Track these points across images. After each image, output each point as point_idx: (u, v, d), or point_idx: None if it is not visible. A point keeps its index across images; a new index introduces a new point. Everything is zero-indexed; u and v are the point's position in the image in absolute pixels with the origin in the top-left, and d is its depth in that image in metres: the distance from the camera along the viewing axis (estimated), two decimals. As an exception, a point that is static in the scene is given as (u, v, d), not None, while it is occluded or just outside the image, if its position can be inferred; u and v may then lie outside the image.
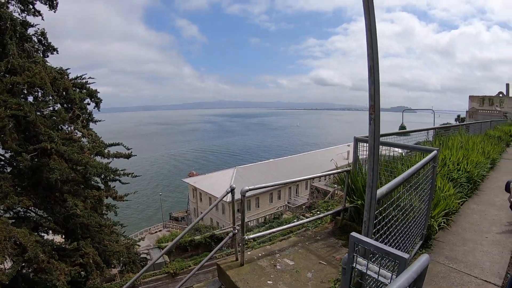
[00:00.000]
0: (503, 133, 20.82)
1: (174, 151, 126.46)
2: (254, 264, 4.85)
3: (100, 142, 16.56)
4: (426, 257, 1.67)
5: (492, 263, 4.66)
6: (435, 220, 5.38)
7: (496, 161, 12.60)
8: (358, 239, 2.15)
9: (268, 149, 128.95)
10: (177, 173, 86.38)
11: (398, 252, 1.94)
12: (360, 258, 2.18)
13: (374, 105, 2.20)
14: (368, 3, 2.03)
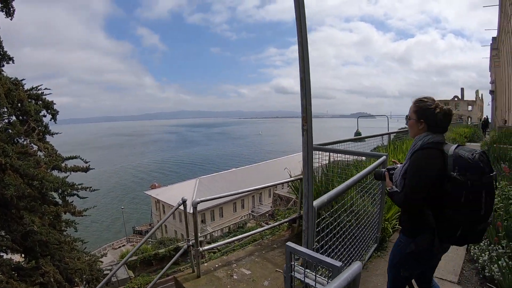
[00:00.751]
0: (457, 135, 21.76)
1: (135, 163, 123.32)
2: (211, 275, 4.85)
3: (57, 155, 15.99)
4: (358, 264, 1.70)
5: (447, 261, 4.84)
6: (389, 223, 5.54)
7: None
8: (293, 248, 2.20)
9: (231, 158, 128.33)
10: (139, 185, 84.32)
11: (330, 260, 1.98)
12: (298, 267, 2.26)
13: (306, 116, 2.27)
14: (300, 18, 2.14)
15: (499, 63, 35.92)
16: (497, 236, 4.67)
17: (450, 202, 2.31)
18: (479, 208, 2.25)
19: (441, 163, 2.38)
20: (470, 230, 2.32)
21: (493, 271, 4.14)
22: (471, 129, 28.93)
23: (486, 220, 2.32)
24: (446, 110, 2.52)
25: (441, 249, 2.59)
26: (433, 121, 2.52)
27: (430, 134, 2.54)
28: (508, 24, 24.30)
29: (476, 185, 2.23)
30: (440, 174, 2.36)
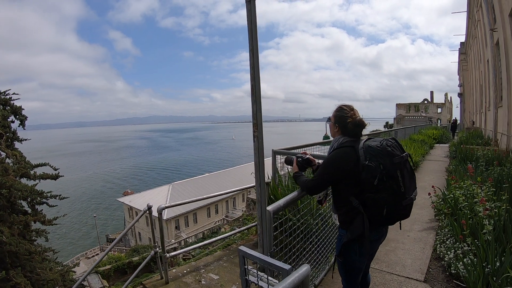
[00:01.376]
0: (426, 136, 22.22)
1: (107, 170, 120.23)
2: (179, 281, 4.83)
3: (26, 162, 15.62)
4: (306, 267, 1.76)
5: (414, 260, 4.97)
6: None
7: (418, 163, 13.48)
8: (245, 252, 2.25)
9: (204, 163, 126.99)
10: (112, 192, 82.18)
11: (279, 263, 2.04)
12: (253, 270, 2.29)
13: (256, 123, 2.36)
14: (251, 26, 2.19)
15: (467, 67, 37.18)
16: (462, 234, 4.80)
17: (368, 187, 2.55)
18: (398, 186, 2.50)
19: (353, 158, 2.63)
20: (395, 208, 2.55)
21: (458, 268, 4.24)
22: (439, 131, 29.70)
23: (408, 196, 2.56)
24: (357, 121, 2.76)
25: (376, 234, 2.80)
26: (345, 128, 2.80)
27: (344, 137, 2.81)
28: (475, 30, 25.04)
29: (388, 168, 2.50)
30: (354, 166, 2.61)
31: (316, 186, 2.83)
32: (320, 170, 2.83)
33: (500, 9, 12.33)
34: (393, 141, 2.68)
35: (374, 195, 2.54)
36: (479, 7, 20.21)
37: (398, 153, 2.57)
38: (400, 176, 2.52)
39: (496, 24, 13.92)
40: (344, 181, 2.70)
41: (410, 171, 2.65)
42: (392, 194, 2.51)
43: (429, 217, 6.95)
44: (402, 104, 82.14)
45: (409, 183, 2.58)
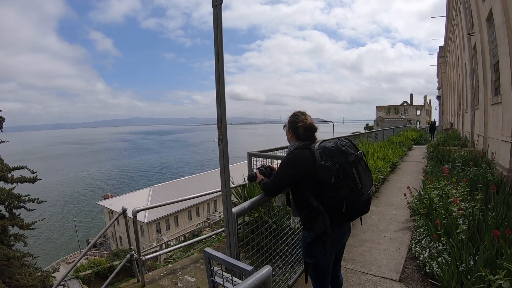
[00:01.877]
0: (405, 138, 22.54)
1: (87, 173, 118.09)
2: (156, 284, 4.79)
3: (4, 165, 15.35)
4: (267, 268, 1.78)
5: (389, 260, 5.00)
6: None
7: (396, 164, 13.61)
8: (210, 254, 2.34)
9: (185, 165, 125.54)
10: (92, 195, 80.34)
11: (242, 264, 2.10)
12: (219, 271, 2.35)
13: (221, 126, 2.41)
14: (217, 30, 2.29)
15: (446, 70, 37.87)
16: (436, 234, 4.83)
17: (326, 186, 2.65)
18: (355, 183, 2.61)
19: (310, 159, 2.73)
20: (354, 204, 2.64)
21: (433, 267, 4.27)
22: (418, 132, 30.20)
23: (365, 192, 2.67)
24: (307, 124, 2.89)
25: (339, 232, 2.87)
26: (297, 132, 2.92)
27: (299, 141, 2.92)
28: (453, 34, 25.45)
29: (343, 166, 2.60)
30: (311, 167, 2.70)
31: (274, 187, 2.90)
32: (277, 171, 2.94)
33: (478, 13, 12.54)
34: (347, 141, 2.80)
35: (332, 194, 2.63)
36: (457, 12, 20.57)
37: (352, 151, 2.68)
38: (356, 173, 2.63)
39: (473, 28, 14.16)
40: (302, 182, 2.77)
41: (366, 168, 2.78)
42: (350, 191, 2.61)
43: (405, 218, 7.00)
44: (382, 106, 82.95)
45: (365, 179, 2.71)
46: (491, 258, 3.64)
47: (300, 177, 2.75)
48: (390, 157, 12.85)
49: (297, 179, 2.77)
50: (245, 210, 2.96)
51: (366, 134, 17.92)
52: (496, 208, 5.12)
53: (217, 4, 2.27)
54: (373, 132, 21.31)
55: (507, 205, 5.34)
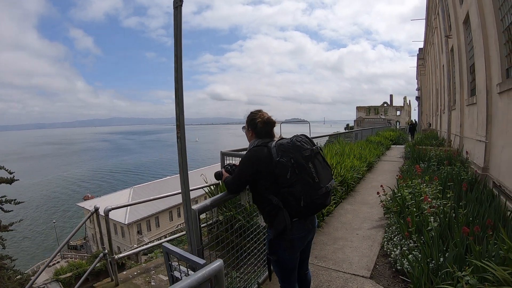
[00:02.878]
0: (383, 138, 22.79)
1: (67, 173, 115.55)
2: (129, 283, 4.78)
3: None
4: (219, 262, 1.81)
5: (361, 257, 4.99)
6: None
7: (373, 164, 13.75)
8: (168, 249, 2.41)
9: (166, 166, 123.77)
10: (72, 197, 78.44)
11: (195, 258, 2.17)
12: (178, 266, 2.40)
13: (179, 125, 2.49)
14: (177, 32, 2.32)
15: (425, 72, 38.55)
16: (408, 231, 4.86)
17: (283, 182, 2.65)
18: (312, 177, 2.62)
19: (267, 156, 2.73)
20: (312, 198, 2.63)
21: (404, 264, 4.29)
22: (396, 132, 30.62)
23: (323, 185, 2.67)
24: (265, 119, 2.93)
25: (301, 229, 2.83)
26: (256, 129, 2.94)
27: (258, 139, 2.94)
28: (432, 37, 25.91)
29: (299, 161, 2.62)
30: (269, 164, 2.71)
31: (234, 185, 2.96)
32: (237, 169, 2.99)
33: (455, 16, 12.75)
34: (303, 136, 2.84)
35: (290, 189, 2.63)
36: (436, 15, 20.89)
37: (308, 146, 2.72)
38: (312, 167, 2.65)
39: (451, 31, 14.38)
40: (261, 179, 2.77)
41: (323, 162, 2.81)
42: (307, 185, 2.61)
43: (379, 216, 7.03)
44: (362, 107, 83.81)
45: (323, 173, 2.72)
46: (460, 255, 3.66)
47: (258, 174, 2.76)
48: (367, 157, 12.98)
49: (256, 176, 2.79)
50: (207, 207, 2.96)
51: (344, 134, 18.03)
52: (468, 206, 5.17)
53: (177, 5, 2.31)
54: (352, 132, 21.50)
55: (480, 203, 5.41)
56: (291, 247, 2.78)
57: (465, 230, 3.88)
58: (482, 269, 3.23)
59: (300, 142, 2.72)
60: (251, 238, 4.09)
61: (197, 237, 2.83)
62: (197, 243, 2.83)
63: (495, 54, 7.03)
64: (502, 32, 6.72)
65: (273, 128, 2.98)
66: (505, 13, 6.46)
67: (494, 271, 3.13)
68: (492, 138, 7.49)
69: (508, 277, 3.04)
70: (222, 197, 3.17)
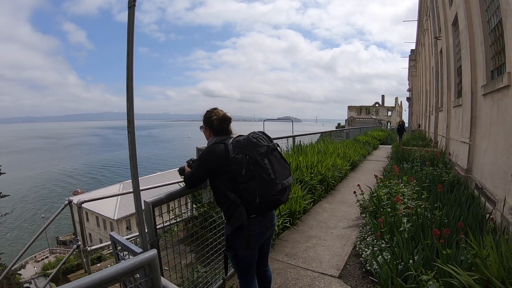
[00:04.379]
0: (371, 137, 22.85)
1: (58, 168, 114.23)
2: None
3: None
4: (153, 251, 1.83)
5: (332, 256, 4.92)
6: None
7: (358, 163, 13.73)
8: (113, 237, 2.53)
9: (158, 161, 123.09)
10: (62, 191, 77.70)
11: (133, 247, 2.31)
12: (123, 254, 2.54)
13: (130, 119, 2.54)
14: (130, 30, 2.38)
15: (416, 73, 38.92)
16: (380, 231, 4.79)
17: (239, 178, 2.64)
18: (267, 173, 2.61)
19: (224, 152, 2.73)
20: (267, 194, 2.61)
21: (373, 264, 4.23)
22: (385, 133, 30.74)
23: (279, 182, 2.66)
24: (221, 116, 2.94)
25: (259, 225, 2.83)
26: (212, 126, 2.95)
27: (216, 137, 2.94)
28: (424, 38, 26.03)
29: (254, 158, 2.62)
30: (225, 160, 2.70)
31: (191, 180, 2.94)
32: (195, 164, 2.97)
33: (445, 18, 12.77)
34: (260, 133, 2.87)
35: (246, 185, 2.63)
36: (427, 16, 21.01)
37: (265, 143, 2.74)
38: (268, 163, 2.65)
39: (441, 33, 14.41)
40: (218, 176, 2.78)
41: (280, 159, 2.82)
42: (263, 182, 2.60)
43: (356, 215, 6.96)
44: (354, 106, 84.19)
45: (279, 169, 2.72)
46: (428, 258, 3.61)
47: (215, 170, 2.76)
48: (351, 156, 12.95)
49: (212, 172, 2.79)
50: (163, 200, 3.01)
51: (330, 133, 18.03)
52: (445, 208, 5.11)
53: (131, 5, 2.36)
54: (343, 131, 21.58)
55: (458, 205, 5.36)
56: (248, 244, 2.74)
57: (435, 232, 3.81)
58: (448, 274, 3.18)
59: (256, 139, 2.72)
60: (222, 234, 4.03)
61: (151, 229, 2.88)
62: (151, 235, 2.87)
63: (480, 56, 7.01)
64: (488, 33, 6.69)
65: (229, 124, 2.99)
66: (492, 15, 6.43)
67: (459, 276, 3.08)
68: (476, 140, 7.49)
69: (473, 283, 2.98)
70: (180, 191, 3.18)
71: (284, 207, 6.07)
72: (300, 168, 8.32)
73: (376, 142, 23.23)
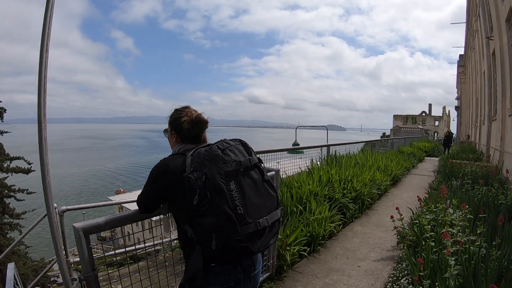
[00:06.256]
0: (416, 149, 21.45)
1: (103, 167, 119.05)
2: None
3: (6, 155, 16.33)
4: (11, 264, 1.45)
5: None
6: (289, 249, 4.54)
7: (400, 177, 12.38)
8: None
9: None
10: (104, 190, 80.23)
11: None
12: None
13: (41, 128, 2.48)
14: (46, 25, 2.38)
15: (465, 80, 37.01)
16: (418, 274, 3.67)
17: (191, 208, 1.76)
18: (233, 206, 1.70)
19: (178, 168, 1.89)
20: (230, 239, 1.70)
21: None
22: (431, 143, 28.85)
23: (252, 220, 1.74)
24: (193, 118, 2.12)
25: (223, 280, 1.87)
26: (181, 131, 2.14)
27: (182, 145, 2.14)
28: (473, 41, 24.78)
29: (213, 179, 1.71)
30: (178, 180, 1.84)
31: (141, 203, 2.11)
32: (145, 184, 2.07)
33: (497, 15, 11.62)
34: (234, 142, 1.95)
35: (199, 220, 1.75)
36: (477, 17, 19.66)
37: (235, 157, 1.82)
38: (236, 190, 1.73)
39: (492, 32, 13.16)
40: (170, 200, 1.96)
41: (262, 183, 1.90)
42: (224, 218, 1.68)
43: (392, 244, 5.70)
44: (400, 115, 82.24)
45: (257, 201, 1.81)
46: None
47: (166, 193, 1.93)
48: (393, 169, 11.67)
49: (163, 195, 1.97)
50: (100, 227, 2.11)
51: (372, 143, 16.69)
52: (503, 246, 3.80)
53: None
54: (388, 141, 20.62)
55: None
56: None
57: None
58: None
59: (223, 150, 1.80)
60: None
61: (84, 262, 2.04)
62: (85, 269, 2.05)
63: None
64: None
65: (204, 130, 2.16)
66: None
67: None
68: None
69: None
70: (129, 216, 2.30)
71: (304, 230, 5.04)
72: (331, 183, 7.23)
73: (422, 154, 21.69)
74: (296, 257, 4.75)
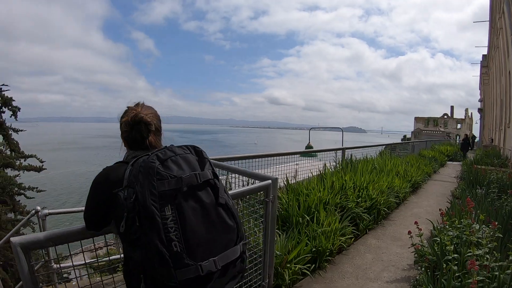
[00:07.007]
0: (438, 152, 20.69)
1: None
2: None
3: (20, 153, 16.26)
4: None
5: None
6: (289, 267, 3.95)
7: (421, 184, 11.60)
8: None
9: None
10: None
11: None
12: None
13: None
14: None
15: (488, 81, 36.07)
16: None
17: (122, 235, 1.38)
18: (165, 240, 1.25)
19: (119, 181, 1.47)
20: (164, 282, 1.27)
21: None
22: (454, 147, 27.67)
23: (193, 263, 1.28)
24: (130, 119, 1.70)
25: None
26: (122, 135, 1.79)
27: (130, 151, 1.77)
28: (497, 40, 23.99)
29: (144, 201, 1.27)
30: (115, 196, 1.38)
31: (84, 218, 1.68)
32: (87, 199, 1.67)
33: (525, 10, 10.83)
34: (183, 150, 1.54)
35: (129, 251, 1.38)
36: (501, 13, 18.82)
37: (178, 172, 1.38)
38: (173, 218, 1.28)
39: (519, 29, 12.39)
40: (113, 218, 1.50)
41: (215, 208, 1.41)
42: (152, 255, 1.25)
43: (409, 262, 4.99)
44: (421, 117, 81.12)
45: (203, 233, 1.34)
46: None
47: (108, 208, 1.48)
48: (413, 175, 10.92)
49: (105, 210, 1.52)
50: (40, 243, 1.73)
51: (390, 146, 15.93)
52: None
53: None
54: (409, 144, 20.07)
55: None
56: None
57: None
58: None
59: (164, 162, 1.38)
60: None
61: (25, 279, 1.68)
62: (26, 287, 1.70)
63: None
64: None
65: (149, 133, 1.72)
66: None
67: None
68: None
69: None
70: (75, 232, 1.86)
71: (309, 244, 4.46)
72: (344, 190, 6.60)
73: (444, 158, 20.72)
74: (298, 275, 4.18)
